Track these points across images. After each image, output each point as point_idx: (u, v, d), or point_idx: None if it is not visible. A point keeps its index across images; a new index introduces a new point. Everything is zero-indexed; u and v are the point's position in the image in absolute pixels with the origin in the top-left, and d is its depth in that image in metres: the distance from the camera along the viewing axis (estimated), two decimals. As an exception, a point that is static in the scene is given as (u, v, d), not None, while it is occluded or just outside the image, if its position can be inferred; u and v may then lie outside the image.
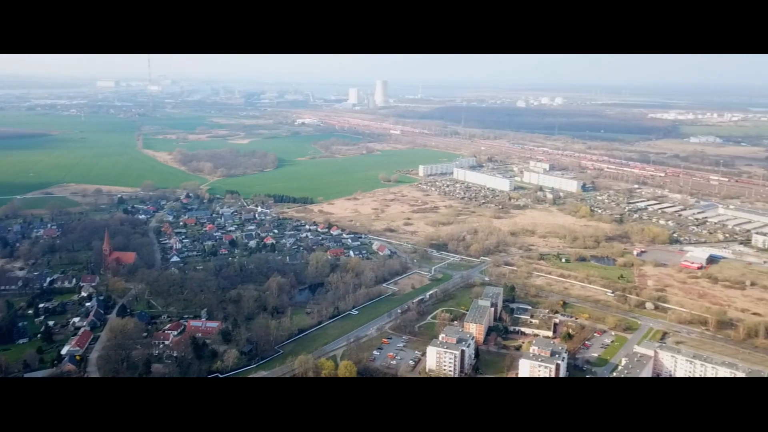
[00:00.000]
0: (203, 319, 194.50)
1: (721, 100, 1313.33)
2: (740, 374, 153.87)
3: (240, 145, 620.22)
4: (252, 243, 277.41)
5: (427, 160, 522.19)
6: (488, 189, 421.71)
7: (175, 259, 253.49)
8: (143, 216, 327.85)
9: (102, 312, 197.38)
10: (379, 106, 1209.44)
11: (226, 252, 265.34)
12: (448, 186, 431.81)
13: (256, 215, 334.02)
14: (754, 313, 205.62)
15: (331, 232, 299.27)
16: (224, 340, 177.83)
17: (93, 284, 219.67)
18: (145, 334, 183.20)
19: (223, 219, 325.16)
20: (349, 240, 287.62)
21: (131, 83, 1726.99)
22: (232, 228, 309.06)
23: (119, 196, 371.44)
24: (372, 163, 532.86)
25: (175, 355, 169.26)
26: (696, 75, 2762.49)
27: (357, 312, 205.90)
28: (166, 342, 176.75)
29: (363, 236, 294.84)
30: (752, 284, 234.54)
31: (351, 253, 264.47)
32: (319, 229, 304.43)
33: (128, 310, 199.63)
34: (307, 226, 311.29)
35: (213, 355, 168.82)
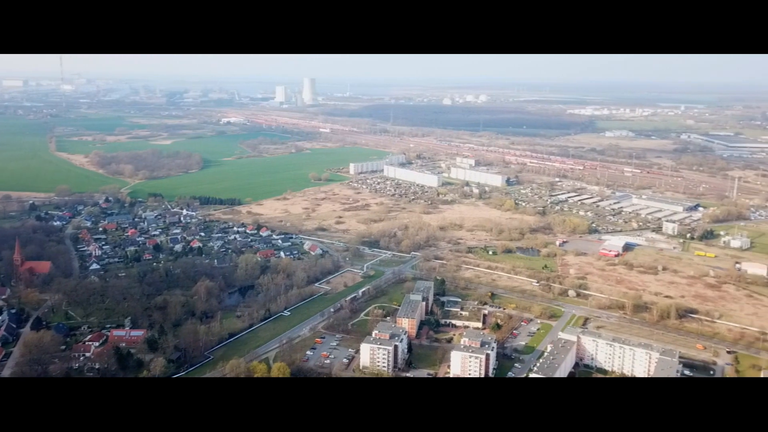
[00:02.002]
0: (127, 328, 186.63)
1: (633, 97, 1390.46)
2: (654, 353, 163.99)
3: (163, 145, 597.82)
4: (178, 247, 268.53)
5: (358, 158, 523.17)
6: (418, 185, 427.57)
7: (94, 266, 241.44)
8: (58, 222, 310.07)
9: (14, 326, 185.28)
10: (307, 104, 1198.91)
11: (151, 257, 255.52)
12: (378, 183, 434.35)
13: (182, 218, 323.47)
14: (666, 296, 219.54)
15: (261, 233, 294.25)
16: (150, 349, 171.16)
17: (3, 297, 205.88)
18: (63, 347, 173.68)
19: (146, 223, 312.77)
20: (280, 241, 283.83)
21: (41, 82, 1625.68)
22: (156, 232, 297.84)
23: (31, 202, 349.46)
24: (301, 161, 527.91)
25: (97, 367, 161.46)
26: (610, 73, 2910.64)
27: (289, 313, 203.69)
28: (87, 354, 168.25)
29: (294, 236, 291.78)
30: (664, 269, 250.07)
31: (282, 253, 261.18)
32: (248, 231, 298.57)
33: (44, 323, 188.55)
34: (235, 228, 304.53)
35: (139, 365, 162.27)
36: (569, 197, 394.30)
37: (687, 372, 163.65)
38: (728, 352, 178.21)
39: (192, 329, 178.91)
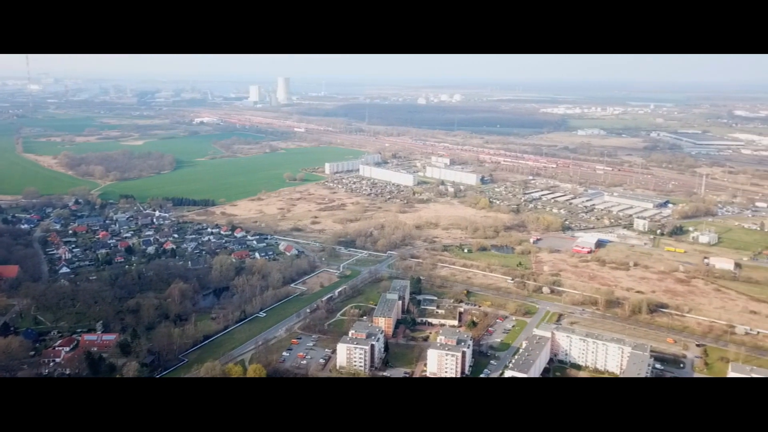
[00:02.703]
0: (99, 333, 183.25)
1: (604, 96, 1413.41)
2: (627, 348, 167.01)
3: (134, 146, 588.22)
4: (150, 249, 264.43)
5: (333, 157, 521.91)
6: (393, 185, 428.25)
7: (64, 270, 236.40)
8: (26, 225, 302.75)
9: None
10: (281, 104, 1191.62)
11: (123, 260, 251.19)
12: (354, 183, 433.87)
13: (154, 220, 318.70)
14: (638, 291, 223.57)
15: (235, 234, 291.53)
16: (123, 353, 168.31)
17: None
18: (32, 352, 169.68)
19: (117, 225, 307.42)
20: (255, 241, 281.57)
21: (7, 82, 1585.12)
22: (128, 234, 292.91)
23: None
24: (276, 161, 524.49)
25: (68, 372, 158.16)
26: (581, 72, 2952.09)
27: (265, 314, 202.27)
28: (57, 359, 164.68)
29: (269, 237, 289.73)
30: (635, 265, 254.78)
31: (257, 254, 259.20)
32: (222, 232, 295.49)
33: (12, 328, 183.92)
34: (209, 229, 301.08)
35: (111, 369, 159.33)
36: (543, 195, 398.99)
37: (658, 365, 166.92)
38: (697, 345, 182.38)
39: (166, 332, 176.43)
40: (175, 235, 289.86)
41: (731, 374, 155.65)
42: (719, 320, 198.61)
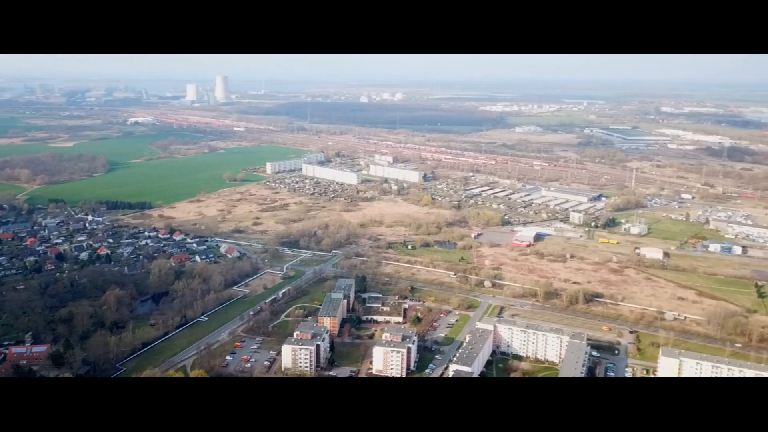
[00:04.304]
0: (28, 344, 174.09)
1: (539, 93, 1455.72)
2: (565, 337, 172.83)
3: (63, 148, 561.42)
4: (83, 255, 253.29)
5: (275, 156, 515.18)
6: (337, 183, 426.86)
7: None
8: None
9: None
10: (220, 103, 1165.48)
11: (53, 267, 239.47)
12: (297, 182, 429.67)
13: (87, 224, 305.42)
14: (574, 282, 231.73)
15: (174, 237, 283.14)
16: (55, 365, 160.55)
17: None
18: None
19: (47, 231, 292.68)
20: (194, 244, 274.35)
21: None
22: (59, 240, 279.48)
23: None
24: (216, 162, 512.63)
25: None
26: (516, 70, 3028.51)
27: (207, 318, 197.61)
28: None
29: (209, 239, 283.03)
30: (571, 257, 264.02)
31: (197, 258, 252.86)
32: (160, 236, 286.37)
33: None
34: (146, 233, 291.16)
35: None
36: (483, 191, 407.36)
37: (594, 353, 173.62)
38: (630, 332, 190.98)
39: (101, 341, 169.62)
40: (110, 240, 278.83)
41: (662, 358, 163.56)
42: (650, 307, 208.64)
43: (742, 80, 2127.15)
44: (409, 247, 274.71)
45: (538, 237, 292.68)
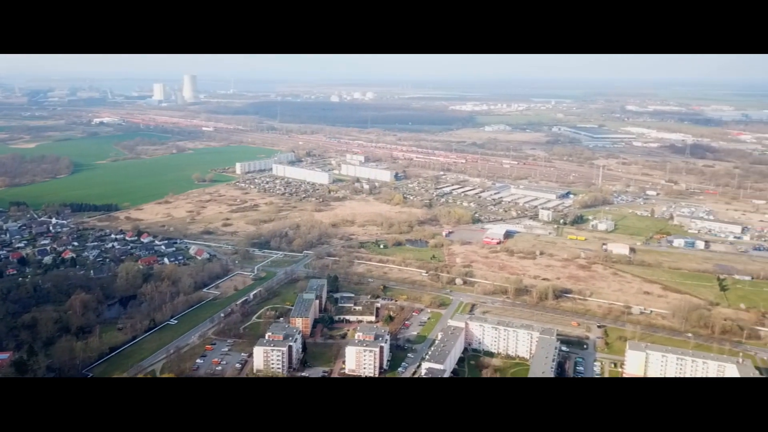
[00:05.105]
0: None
1: (508, 93, 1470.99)
2: (535, 333, 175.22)
3: (25, 149, 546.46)
4: (47, 259, 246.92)
5: (244, 156, 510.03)
6: (308, 183, 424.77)
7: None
8: None
9: None
10: (188, 102, 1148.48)
11: (15, 272, 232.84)
12: (267, 182, 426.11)
13: (51, 228, 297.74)
14: (544, 279, 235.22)
15: (142, 239, 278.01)
16: (18, 372, 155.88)
17: None
18: None
19: (8, 235, 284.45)
20: (163, 246, 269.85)
21: None
22: (21, 244, 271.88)
23: None
24: (184, 162, 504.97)
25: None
26: (484, 70, 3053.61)
27: (176, 321, 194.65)
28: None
29: (178, 241, 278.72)
30: (541, 253, 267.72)
31: (166, 260, 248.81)
32: (127, 238, 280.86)
33: None
34: (113, 236, 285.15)
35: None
36: (453, 189, 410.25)
37: (564, 348, 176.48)
38: (599, 327, 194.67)
39: (67, 346, 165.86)
40: (75, 243, 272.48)
41: (629, 352, 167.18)
42: (617, 302, 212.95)
43: (703, 79, 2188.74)
44: (381, 246, 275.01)
45: (508, 234, 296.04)
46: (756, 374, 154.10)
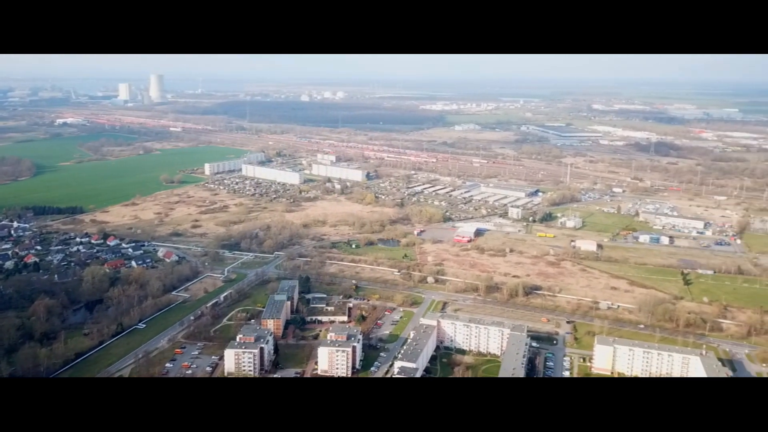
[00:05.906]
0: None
1: (477, 92, 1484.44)
2: (506, 330, 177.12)
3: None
4: (9, 264, 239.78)
5: (213, 157, 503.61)
6: (279, 183, 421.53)
7: None
8: None
9: None
10: (155, 102, 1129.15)
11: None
12: (237, 183, 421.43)
13: (12, 231, 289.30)
14: (514, 276, 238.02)
15: (108, 242, 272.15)
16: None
17: None
18: None
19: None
20: (130, 249, 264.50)
21: None
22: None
23: None
24: (151, 163, 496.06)
25: None
26: (454, 70, 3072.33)
27: (144, 325, 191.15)
28: None
29: (146, 244, 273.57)
30: (511, 251, 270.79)
31: (133, 263, 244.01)
32: (92, 241, 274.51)
33: None
34: (77, 239, 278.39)
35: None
36: (424, 188, 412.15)
37: (534, 344, 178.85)
38: (568, 322, 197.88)
39: (30, 353, 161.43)
40: (38, 248, 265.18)
41: (597, 346, 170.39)
42: (585, 298, 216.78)
43: (666, 78, 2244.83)
44: (353, 246, 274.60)
45: (479, 232, 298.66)
46: (719, 365, 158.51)
